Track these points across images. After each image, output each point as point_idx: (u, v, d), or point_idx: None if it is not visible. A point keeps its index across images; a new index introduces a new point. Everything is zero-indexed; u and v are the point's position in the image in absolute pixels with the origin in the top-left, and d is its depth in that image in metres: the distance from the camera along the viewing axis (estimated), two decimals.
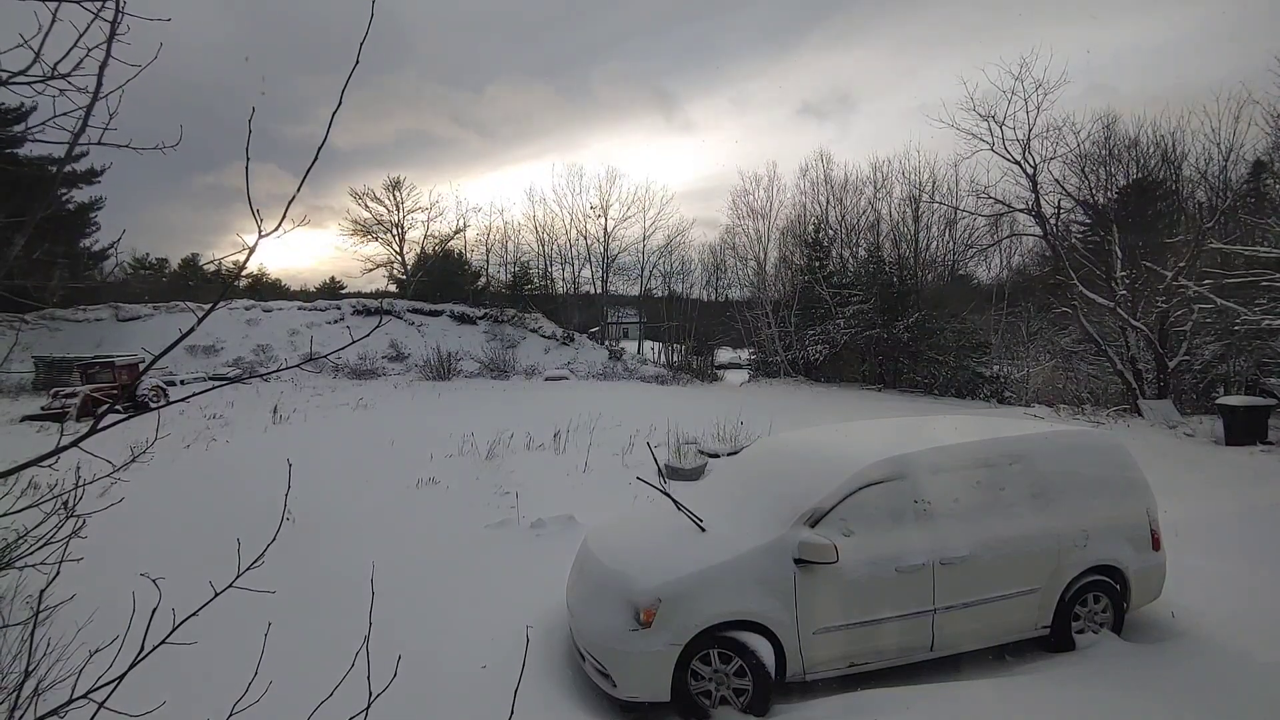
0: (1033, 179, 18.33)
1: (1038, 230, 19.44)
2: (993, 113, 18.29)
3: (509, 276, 37.21)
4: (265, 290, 39.40)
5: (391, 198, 36.31)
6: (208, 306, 1.71)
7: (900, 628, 4.02)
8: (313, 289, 45.00)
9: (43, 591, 1.66)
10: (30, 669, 1.77)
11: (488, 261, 37.52)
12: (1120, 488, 4.66)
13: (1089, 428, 8.27)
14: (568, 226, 36.80)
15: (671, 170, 70.29)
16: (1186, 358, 15.80)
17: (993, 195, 20.29)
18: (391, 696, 1.65)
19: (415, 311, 32.45)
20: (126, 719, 1.40)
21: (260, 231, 1.38)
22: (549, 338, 32.96)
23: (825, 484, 4.09)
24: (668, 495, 4.65)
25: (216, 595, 1.47)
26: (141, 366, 18.81)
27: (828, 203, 30.64)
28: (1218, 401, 12.44)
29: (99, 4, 1.31)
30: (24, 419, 15.34)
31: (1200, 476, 9.19)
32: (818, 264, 29.08)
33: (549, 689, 4.01)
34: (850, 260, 30.11)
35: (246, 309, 30.62)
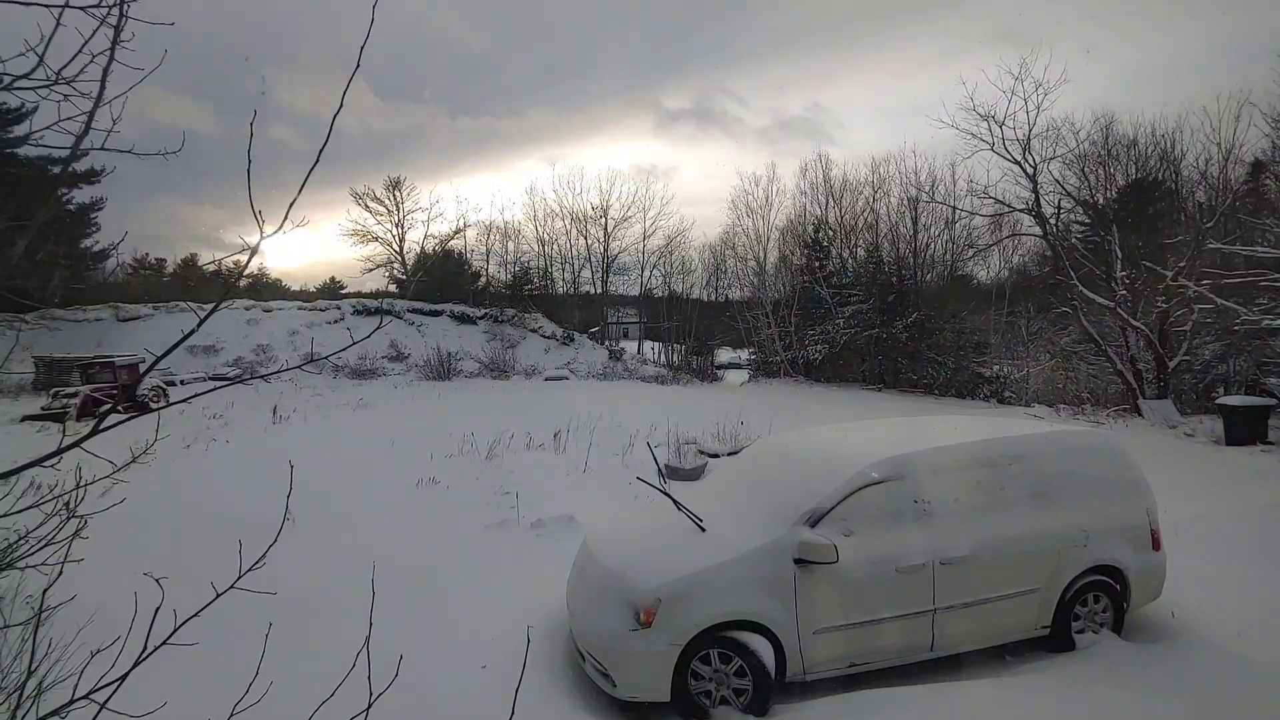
0: (1033, 179, 18.34)
1: (1038, 230, 19.45)
2: (992, 113, 18.31)
3: (509, 276, 37.20)
4: (265, 290, 39.40)
5: (391, 198, 36.35)
6: (208, 307, 1.72)
7: (900, 628, 4.03)
8: (313, 289, 45.05)
9: (44, 592, 1.67)
10: (32, 669, 1.77)
11: (488, 261, 37.53)
12: (1120, 488, 4.66)
13: (1089, 428, 8.28)
14: (568, 226, 36.80)
15: (672, 169, 70.36)
16: (1186, 358, 15.81)
17: (992, 195, 20.32)
18: (392, 696, 1.65)
19: (415, 311, 32.44)
20: (127, 719, 1.40)
21: (261, 232, 1.39)
22: (549, 338, 32.95)
23: (825, 484, 4.10)
24: (668, 495, 4.65)
25: (218, 596, 1.47)
26: (142, 367, 18.81)
27: (827, 203, 30.67)
28: (1218, 401, 12.45)
29: (103, 9, 1.32)
30: (24, 419, 15.33)
31: (1200, 476, 9.19)
32: (817, 264, 29.08)
33: (549, 689, 4.01)
34: (849, 260, 30.10)
35: (246, 309, 30.60)
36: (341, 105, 1.44)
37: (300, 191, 1.39)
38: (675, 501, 4.53)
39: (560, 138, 65.58)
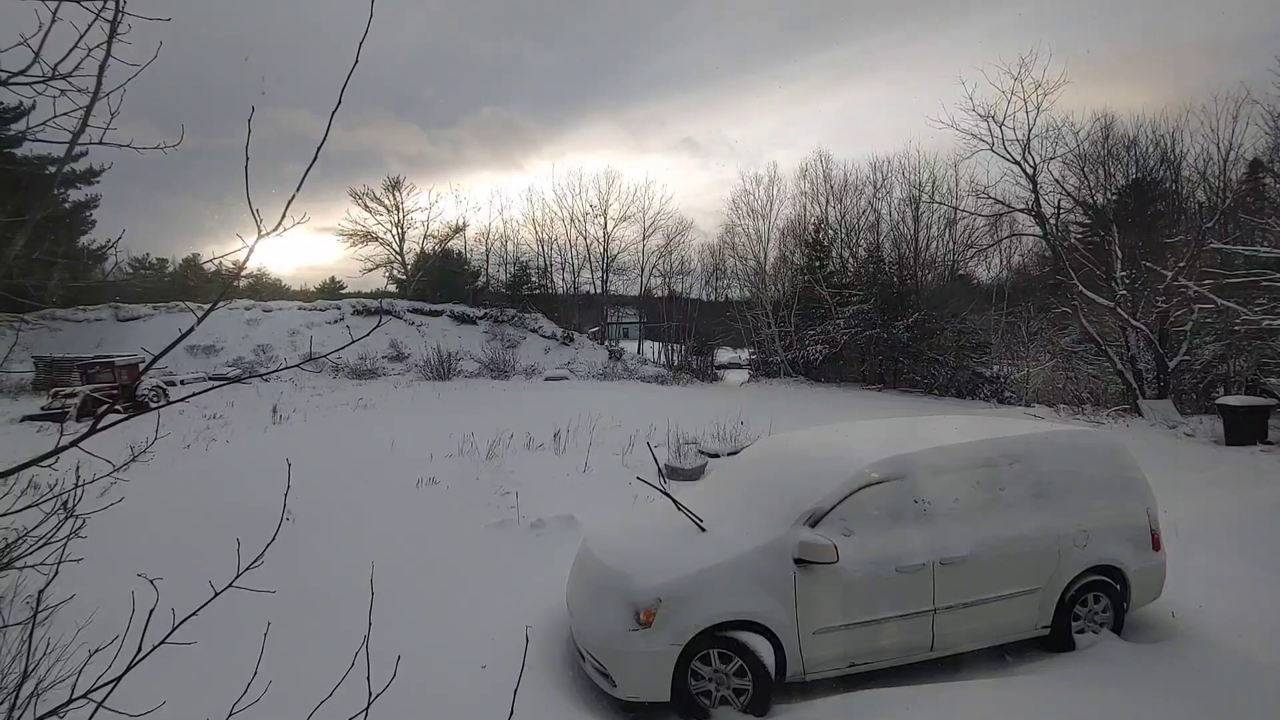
0: (1032, 179, 18.35)
1: (1038, 230, 19.46)
2: (992, 113, 18.32)
3: (509, 276, 37.23)
4: (265, 290, 39.42)
5: (391, 198, 36.35)
6: (208, 306, 1.71)
7: (900, 628, 4.02)
8: (313, 289, 45.03)
9: (42, 591, 1.66)
10: (30, 669, 1.77)
11: (487, 261, 37.57)
12: (1120, 488, 4.66)
13: (1089, 428, 8.27)
14: (567, 226, 36.80)
15: (673, 169, 70.47)
16: (1186, 358, 15.81)
17: (992, 195, 20.35)
18: (391, 696, 1.65)
19: (415, 311, 32.46)
20: (126, 719, 1.40)
21: (260, 231, 1.38)
22: (549, 338, 32.97)
23: (825, 484, 4.09)
24: (668, 495, 4.65)
25: (216, 595, 1.47)
26: (141, 366, 18.81)
27: (827, 203, 30.69)
28: (1218, 401, 12.44)
29: (99, 3, 1.31)
30: (24, 419, 15.33)
31: (1200, 476, 9.19)
32: (818, 264, 29.11)
33: (549, 689, 4.01)
34: (850, 260, 30.13)
35: (246, 309, 30.63)
36: (340, 103, 1.43)
37: (298, 189, 1.38)
38: (675, 501, 4.52)
39: (565, 138, 65.69)
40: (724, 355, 36.62)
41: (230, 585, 1.49)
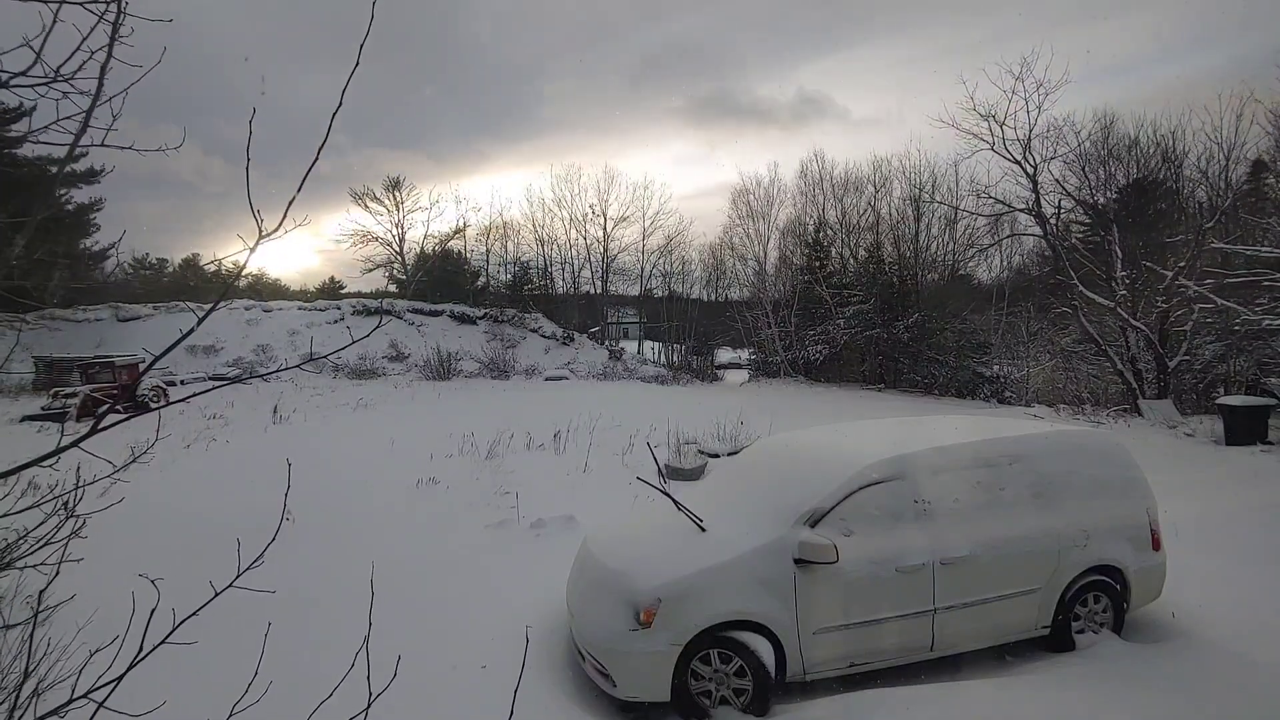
0: (1033, 179, 18.34)
1: (1038, 230, 19.46)
2: (993, 112, 18.31)
3: (509, 276, 37.23)
4: (265, 290, 39.47)
5: (391, 198, 36.37)
6: (208, 307, 1.71)
7: (900, 628, 4.02)
8: (313, 289, 45.08)
9: (43, 592, 1.66)
10: (30, 669, 1.77)
11: (488, 261, 37.57)
12: (1120, 488, 4.66)
13: (1089, 428, 8.27)
14: (567, 227, 36.80)
15: (673, 169, 70.51)
16: (1186, 358, 15.81)
17: (993, 195, 20.32)
18: (391, 696, 1.65)
19: (415, 311, 32.48)
20: (126, 719, 1.40)
21: (261, 232, 1.38)
22: (549, 338, 32.97)
23: (825, 484, 4.09)
24: (668, 495, 4.65)
25: (216, 595, 1.47)
26: (142, 367, 18.82)
27: (827, 202, 30.67)
28: (1218, 401, 12.44)
29: (101, 5, 1.31)
30: (24, 419, 15.34)
31: (1200, 476, 9.19)
32: (818, 264, 29.09)
33: (549, 689, 4.01)
34: (850, 260, 30.10)
35: (246, 309, 30.66)
36: (340, 104, 1.44)
37: (299, 191, 1.39)
38: (675, 501, 4.52)
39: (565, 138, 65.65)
40: (724, 355, 36.60)
41: (230, 585, 1.49)
